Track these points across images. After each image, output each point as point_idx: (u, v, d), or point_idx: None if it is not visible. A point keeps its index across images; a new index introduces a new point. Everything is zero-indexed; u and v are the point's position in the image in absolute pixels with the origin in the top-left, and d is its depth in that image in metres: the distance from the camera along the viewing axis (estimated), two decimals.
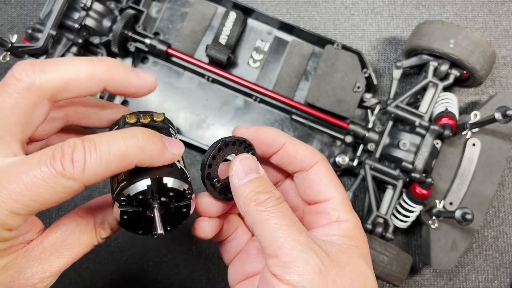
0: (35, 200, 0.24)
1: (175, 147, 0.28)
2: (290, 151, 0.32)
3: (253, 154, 0.33)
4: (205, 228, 0.34)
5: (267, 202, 0.28)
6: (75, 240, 0.29)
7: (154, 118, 0.32)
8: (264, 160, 0.34)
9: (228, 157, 0.32)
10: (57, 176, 0.24)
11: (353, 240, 0.30)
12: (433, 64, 0.59)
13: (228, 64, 0.63)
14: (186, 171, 0.31)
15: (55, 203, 0.25)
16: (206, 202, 0.33)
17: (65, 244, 0.28)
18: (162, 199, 0.28)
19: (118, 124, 0.32)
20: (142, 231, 0.30)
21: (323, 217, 0.32)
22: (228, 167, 0.31)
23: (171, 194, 0.28)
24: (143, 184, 0.27)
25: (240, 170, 0.30)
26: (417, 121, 0.57)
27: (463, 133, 0.58)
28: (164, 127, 0.33)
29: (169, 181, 0.28)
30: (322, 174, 0.32)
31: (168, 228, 0.30)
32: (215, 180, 0.32)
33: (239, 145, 0.32)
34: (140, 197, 0.27)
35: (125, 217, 0.28)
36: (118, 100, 0.63)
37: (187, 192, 0.29)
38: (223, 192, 0.33)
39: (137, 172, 0.27)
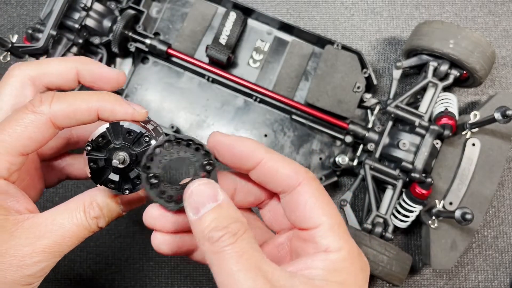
0: (16, 138, 0.28)
1: (135, 105, 0.31)
2: (268, 169, 0.29)
3: (212, 165, 0.29)
4: (160, 245, 0.30)
5: (221, 241, 0.25)
6: (65, 218, 0.29)
7: None
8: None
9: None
10: (28, 112, 0.29)
11: (340, 274, 0.27)
12: (433, 64, 0.59)
13: (228, 64, 0.63)
14: (158, 130, 0.32)
15: (29, 139, 0.29)
16: (153, 215, 0.30)
17: (55, 222, 0.29)
18: (123, 142, 0.30)
19: None
20: (114, 185, 0.30)
21: (311, 245, 0.28)
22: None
23: (130, 137, 0.30)
24: (103, 127, 0.30)
25: (194, 202, 0.27)
26: (417, 121, 0.57)
27: (463, 133, 0.58)
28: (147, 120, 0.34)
29: (125, 123, 0.30)
30: (307, 197, 0.28)
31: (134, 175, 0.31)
32: (155, 179, 0.29)
33: (196, 149, 0.29)
34: (102, 140, 0.30)
35: (92, 165, 0.30)
36: None
37: (145, 135, 0.30)
38: (173, 200, 0.29)
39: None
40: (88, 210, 0.30)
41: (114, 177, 0.30)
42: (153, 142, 0.30)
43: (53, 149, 0.37)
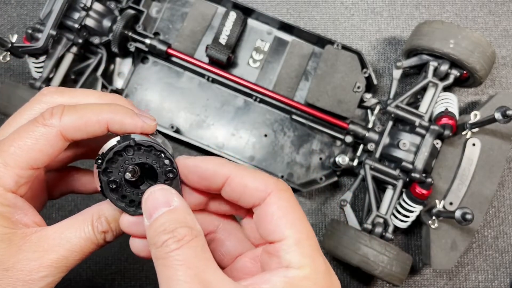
0: (27, 151, 0.28)
1: (146, 117, 0.30)
2: (237, 185, 0.27)
3: (174, 173, 0.29)
4: (138, 250, 0.30)
5: (164, 246, 0.25)
6: (72, 232, 0.29)
7: None
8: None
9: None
10: (38, 125, 0.28)
11: None
12: (433, 64, 0.59)
13: (228, 64, 0.63)
14: (166, 144, 0.31)
15: (40, 152, 0.28)
16: (128, 220, 0.29)
17: (63, 236, 0.28)
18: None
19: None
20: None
21: (274, 260, 0.26)
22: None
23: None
24: (114, 140, 0.29)
25: (148, 208, 0.27)
26: (417, 121, 0.57)
27: (463, 133, 0.58)
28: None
29: (136, 136, 0.29)
30: (274, 208, 0.27)
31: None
32: (113, 184, 0.29)
33: (158, 156, 0.29)
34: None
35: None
36: None
37: (156, 148, 0.29)
38: (135, 204, 0.29)
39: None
40: (96, 224, 0.29)
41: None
42: (163, 155, 0.29)
43: (60, 160, 0.36)
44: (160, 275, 0.25)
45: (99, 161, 0.29)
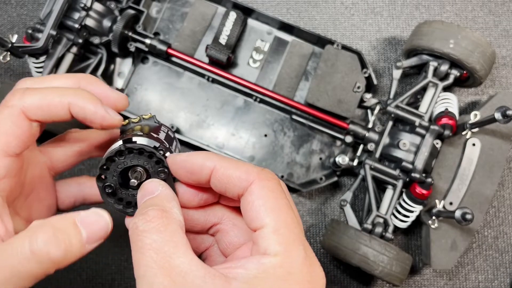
0: None
1: (111, 110, 0.30)
2: (221, 176, 0.28)
3: (165, 172, 0.30)
4: None
5: (134, 228, 0.25)
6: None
7: (144, 117, 0.35)
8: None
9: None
10: (2, 108, 0.28)
11: (266, 281, 0.24)
12: (433, 64, 0.59)
13: (228, 64, 0.63)
14: (169, 143, 0.32)
15: (6, 135, 0.28)
16: (128, 222, 0.30)
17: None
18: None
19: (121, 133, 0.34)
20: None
21: (254, 248, 0.26)
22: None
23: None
24: (117, 144, 0.29)
25: (138, 199, 0.28)
26: (417, 121, 0.57)
27: (463, 133, 0.58)
28: (155, 123, 0.34)
29: (138, 139, 0.29)
30: (254, 197, 0.27)
31: None
32: (109, 188, 0.30)
33: (149, 157, 0.29)
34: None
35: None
36: None
37: (159, 149, 0.29)
38: (132, 205, 0.30)
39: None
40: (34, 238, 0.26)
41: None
42: (168, 154, 0.30)
43: (65, 161, 0.36)
44: (133, 259, 0.25)
45: (104, 166, 0.29)
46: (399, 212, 0.58)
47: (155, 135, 0.31)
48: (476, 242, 0.63)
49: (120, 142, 0.29)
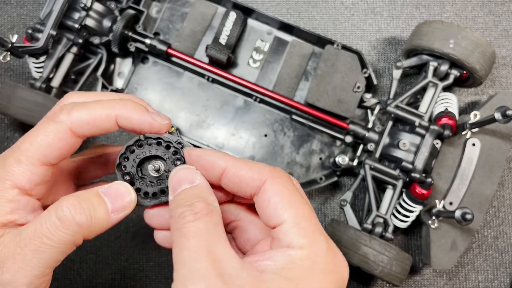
0: (37, 146, 0.28)
1: (157, 115, 0.31)
2: (233, 176, 0.29)
3: (181, 161, 0.31)
4: (162, 242, 0.32)
5: (181, 217, 0.26)
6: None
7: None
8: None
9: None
10: (49, 121, 0.29)
11: (294, 272, 0.26)
12: (433, 64, 0.59)
13: (228, 64, 0.63)
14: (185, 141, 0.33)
15: (49, 147, 0.28)
16: (149, 214, 0.31)
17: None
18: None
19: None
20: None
21: (276, 243, 0.28)
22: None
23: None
24: (137, 136, 0.31)
25: (173, 185, 0.29)
26: (417, 121, 0.57)
27: (463, 133, 0.58)
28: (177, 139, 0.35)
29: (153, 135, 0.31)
30: (270, 195, 0.28)
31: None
32: (128, 176, 0.31)
33: (166, 147, 0.31)
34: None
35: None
36: None
37: (177, 142, 0.31)
38: (149, 196, 0.31)
39: None
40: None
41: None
42: (171, 146, 0.31)
43: (92, 177, 0.37)
44: (174, 244, 0.26)
45: (123, 156, 0.31)
46: (399, 212, 0.58)
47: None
48: (476, 242, 0.63)
49: (140, 135, 0.31)
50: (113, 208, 0.29)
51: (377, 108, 0.61)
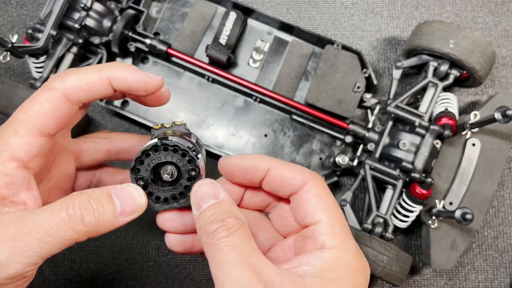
0: (34, 116, 0.28)
1: (150, 74, 0.31)
2: (276, 176, 0.30)
3: (196, 171, 0.31)
4: (172, 245, 0.33)
5: (216, 234, 0.27)
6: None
7: (176, 123, 0.36)
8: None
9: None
10: (43, 90, 0.29)
11: (332, 272, 0.27)
12: (433, 64, 0.59)
13: (228, 64, 0.63)
14: (200, 144, 0.33)
15: (46, 116, 0.28)
16: (162, 217, 0.32)
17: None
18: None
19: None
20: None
21: (309, 242, 0.29)
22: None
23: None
24: (153, 140, 0.31)
25: (197, 200, 0.29)
26: (417, 121, 0.57)
27: (463, 133, 0.58)
28: (186, 130, 0.35)
29: (173, 138, 0.31)
30: (311, 194, 0.30)
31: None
32: (141, 180, 0.31)
33: (182, 155, 0.31)
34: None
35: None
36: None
37: (192, 149, 0.31)
38: (160, 201, 0.32)
39: None
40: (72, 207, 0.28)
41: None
42: (199, 156, 0.31)
43: (92, 155, 0.37)
44: (212, 259, 0.27)
45: (138, 160, 0.31)
46: (399, 212, 0.58)
47: (188, 138, 0.32)
48: (476, 242, 0.63)
49: (156, 139, 0.30)
50: (122, 211, 0.29)
51: (377, 108, 0.61)
